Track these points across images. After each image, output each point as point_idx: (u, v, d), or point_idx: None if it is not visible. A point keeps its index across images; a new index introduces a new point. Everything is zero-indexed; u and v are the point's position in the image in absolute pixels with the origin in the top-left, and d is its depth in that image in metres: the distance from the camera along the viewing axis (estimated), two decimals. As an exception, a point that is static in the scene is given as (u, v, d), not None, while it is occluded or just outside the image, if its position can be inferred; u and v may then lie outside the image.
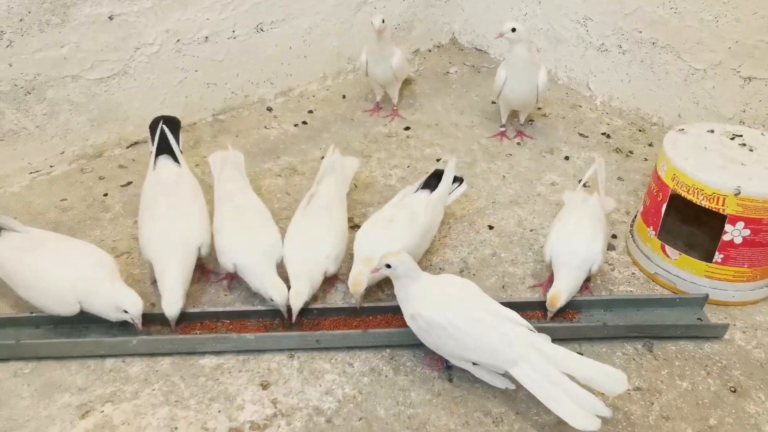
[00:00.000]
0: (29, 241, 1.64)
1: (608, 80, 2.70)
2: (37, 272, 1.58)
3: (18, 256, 1.61)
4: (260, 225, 1.76)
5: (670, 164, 1.76)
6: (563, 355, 1.43)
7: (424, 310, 1.48)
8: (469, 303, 1.50)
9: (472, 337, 1.45)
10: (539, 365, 1.41)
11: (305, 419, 1.46)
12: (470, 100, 2.76)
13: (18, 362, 1.56)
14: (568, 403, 1.38)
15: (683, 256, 1.79)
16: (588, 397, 1.38)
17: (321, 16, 2.66)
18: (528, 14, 2.87)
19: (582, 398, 1.38)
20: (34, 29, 2.00)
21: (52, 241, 1.68)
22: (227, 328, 1.65)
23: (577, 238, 1.72)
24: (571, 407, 1.37)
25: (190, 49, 2.37)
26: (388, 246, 1.63)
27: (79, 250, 1.65)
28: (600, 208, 1.84)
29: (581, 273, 1.69)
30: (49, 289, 1.56)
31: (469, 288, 1.54)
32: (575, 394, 1.38)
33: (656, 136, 2.54)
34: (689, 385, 1.58)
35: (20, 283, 1.60)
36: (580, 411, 1.37)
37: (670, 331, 1.69)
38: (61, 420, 1.43)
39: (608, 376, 1.40)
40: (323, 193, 1.85)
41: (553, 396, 1.39)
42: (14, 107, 2.05)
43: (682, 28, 2.40)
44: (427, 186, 1.89)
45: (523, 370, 1.42)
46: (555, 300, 1.65)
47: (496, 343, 1.44)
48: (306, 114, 2.62)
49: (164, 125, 1.91)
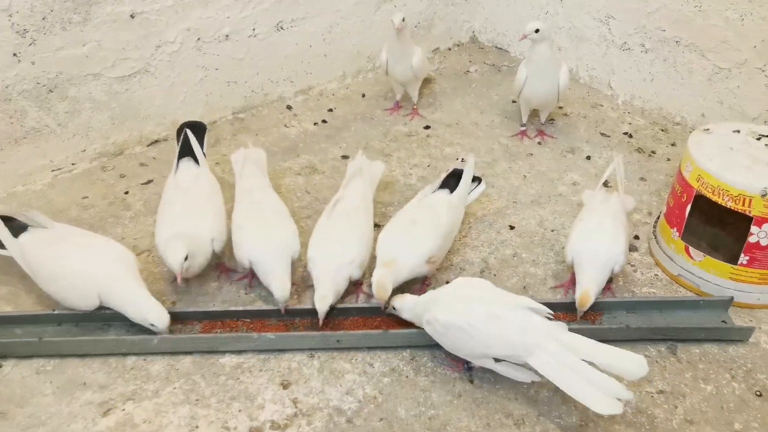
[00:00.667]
0: (53, 236, 1.66)
1: (630, 79, 2.67)
2: (58, 265, 1.59)
3: (41, 250, 1.63)
4: (276, 221, 1.76)
5: (695, 165, 1.73)
6: (581, 341, 1.43)
7: (440, 315, 1.49)
8: (484, 300, 1.50)
9: (489, 332, 1.45)
10: (558, 353, 1.41)
11: (326, 419, 1.46)
12: (490, 99, 2.74)
13: (41, 359, 1.57)
14: (589, 389, 1.37)
15: (707, 258, 1.77)
16: (608, 382, 1.37)
17: (341, 15, 2.66)
18: (549, 12, 2.84)
19: (602, 383, 1.37)
20: (57, 28, 2.01)
21: (75, 236, 1.70)
22: (248, 327, 1.65)
23: (599, 238, 1.71)
24: (593, 392, 1.37)
25: (211, 47, 2.37)
26: (411, 249, 1.65)
27: (101, 245, 1.67)
28: (621, 208, 1.82)
29: (604, 273, 1.68)
30: (69, 282, 1.57)
31: (480, 285, 1.55)
32: (595, 379, 1.38)
33: (679, 135, 2.51)
34: (714, 389, 1.56)
35: (43, 276, 1.61)
36: (601, 396, 1.36)
37: (694, 333, 1.67)
38: (83, 417, 1.44)
39: (628, 361, 1.39)
40: (349, 197, 1.83)
41: (574, 382, 1.39)
42: (37, 105, 2.07)
43: (706, 27, 2.36)
44: (445, 185, 1.88)
45: (541, 359, 1.42)
46: (585, 300, 1.63)
47: (513, 334, 1.44)
48: (326, 112, 2.61)
49: (189, 129, 1.93)
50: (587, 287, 1.64)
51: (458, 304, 1.50)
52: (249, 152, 1.99)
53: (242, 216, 1.77)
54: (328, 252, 1.68)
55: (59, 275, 1.59)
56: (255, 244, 1.69)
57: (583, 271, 1.68)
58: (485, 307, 1.48)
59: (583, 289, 1.64)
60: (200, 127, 1.99)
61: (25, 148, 2.10)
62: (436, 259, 1.72)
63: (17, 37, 1.94)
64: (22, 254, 1.64)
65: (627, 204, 1.87)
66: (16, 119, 2.04)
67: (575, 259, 1.71)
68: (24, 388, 1.50)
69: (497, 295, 1.52)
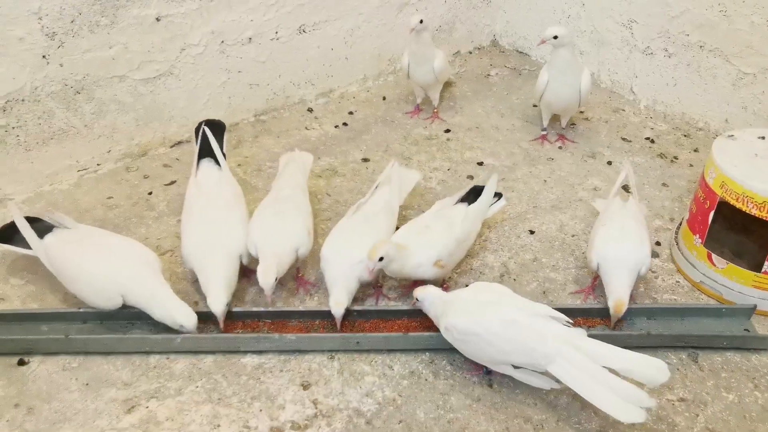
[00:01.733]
0: (77, 237, 1.69)
1: (653, 84, 2.66)
2: (81, 266, 1.62)
3: (65, 251, 1.66)
4: (288, 215, 1.77)
5: (719, 171, 1.72)
6: (600, 348, 1.42)
7: (458, 321, 1.49)
8: (501, 306, 1.50)
9: (507, 339, 1.45)
10: (577, 360, 1.40)
11: (345, 420, 1.47)
12: (511, 103, 2.74)
13: (66, 356, 1.60)
14: (611, 396, 1.37)
15: (730, 265, 1.75)
16: (630, 389, 1.37)
17: (363, 18, 2.67)
18: (571, 16, 2.83)
19: (624, 390, 1.37)
20: (85, 30, 2.05)
21: (98, 236, 1.73)
22: (269, 328, 1.66)
23: (626, 242, 1.70)
24: (614, 400, 1.37)
25: (234, 50, 2.40)
26: (420, 248, 1.66)
27: (124, 246, 1.69)
28: (640, 211, 1.83)
29: (632, 277, 1.67)
30: (92, 283, 1.60)
31: (499, 291, 1.55)
32: (617, 387, 1.37)
33: (702, 141, 2.49)
34: (736, 398, 1.55)
35: (67, 276, 1.64)
36: (623, 403, 1.36)
37: (716, 341, 1.66)
38: (108, 414, 1.47)
39: (648, 367, 1.38)
40: (372, 201, 1.84)
41: (595, 390, 1.38)
42: (64, 106, 2.10)
43: (731, 32, 2.34)
44: (465, 200, 1.87)
45: (561, 366, 1.41)
46: (620, 306, 1.62)
47: (532, 341, 1.44)
48: (346, 115, 2.63)
49: (207, 127, 1.94)
50: (620, 294, 1.63)
51: (476, 309, 1.50)
52: (294, 155, 2.01)
53: (259, 209, 1.81)
54: (341, 251, 1.69)
55: (82, 276, 1.61)
56: (261, 233, 1.72)
57: (612, 277, 1.67)
58: (503, 313, 1.47)
59: (617, 296, 1.63)
60: (219, 126, 2.01)
61: (52, 148, 2.13)
62: (445, 263, 1.71)
63: (46, 40, 1.98)
64: (47, 255, 1.67)
65: (641, 210, 1.87)
66: (44, 120, 2.07)
67: (602, 265, 1.70)
68: (50, 384, 1.53)
69: (516, 301, 1.52)
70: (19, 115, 2.02)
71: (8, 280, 1.80)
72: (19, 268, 1.84)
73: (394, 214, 1.85)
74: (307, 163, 2.03)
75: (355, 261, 1.66)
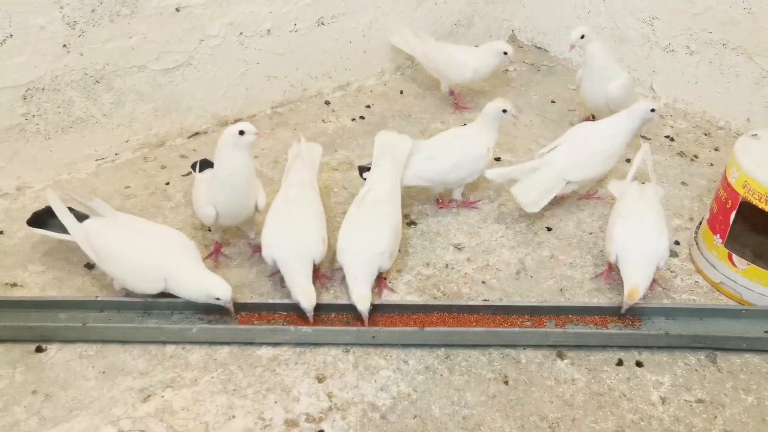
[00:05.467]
0: (118, 222, 1.71)
1: (674, 81, 2.63)
2: (126, 249, 1.63)
3: (108, 234, 1.67)
4: (303, 223, 1.74)
5: (742, 171, 1.70)
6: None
7: None
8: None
9: None
10: None
11: (360, 414, 1.47)
12: (529, 99, 2.72)
13: (84, 344, 1.60)
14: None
15: (752, 266, 1.73)
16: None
17: (381, 11, 2.66)
18: (591, 12, 2.81)
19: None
20: (105, 20, 2.05)
21: (139, 222, 1.75)
22: (285, 320, 1.66)
23: (646, 233, 1.69)
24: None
25: (253, 41, 2.40)
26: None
27: (165, 231, 1.72)
28: (658, 199, 1.82)
29: (652, 267, 1.66)
30: (136, 265, 1.61)
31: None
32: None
33: (723, 140, 2.46)
34: (755, 400, 1.53)
35: (109, 259, 1.64)
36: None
37: (735, 343, 1.64)
38: (124, 402, 1.47)
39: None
40: (377, 188, 1.84)
41: None
42: (84, 96, 2.11)
43: (755, 29, 2.31)
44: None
45: None
46: (635, 293, 1.62)
47: None
48: (363, 108, 2.62)
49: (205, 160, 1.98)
50: (637, 281, 1.63)
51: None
52: (302, 148, 1.97)
53: (272, 213, 1.77)
54: (357, 243, 1.69)
55: (126, 259, 1.62)
56: (277, 245, 1.69)
57: (630, 268, 1.66)
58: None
59: (634, 282, 1.63)
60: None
61: (71, 137, 2.14)
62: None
63: (67, 29, 1.98)
64: (87, 238, 1.67)
65: (658, 193, 1.87)
66: (63, 109, 2.08)
67: (620, 256, 1.69)
68: (67, 372, 1.54)
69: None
70: (39, 103, 2.03)
71: (27, 267, 1.82)
72: (37, 256, 1.85)
73: (398, 195, 1.86)
74: (315, 155, 1.99)
75: (376, 252, 1.66)
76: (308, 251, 1.69)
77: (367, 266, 1.66)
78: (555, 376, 1.57)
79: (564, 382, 1.55)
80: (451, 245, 1.95)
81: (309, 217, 1.76)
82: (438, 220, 2.05)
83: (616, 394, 1.53)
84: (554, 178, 1.95)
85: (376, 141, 1.98)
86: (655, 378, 1.57)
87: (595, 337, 1.64)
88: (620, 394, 1.53)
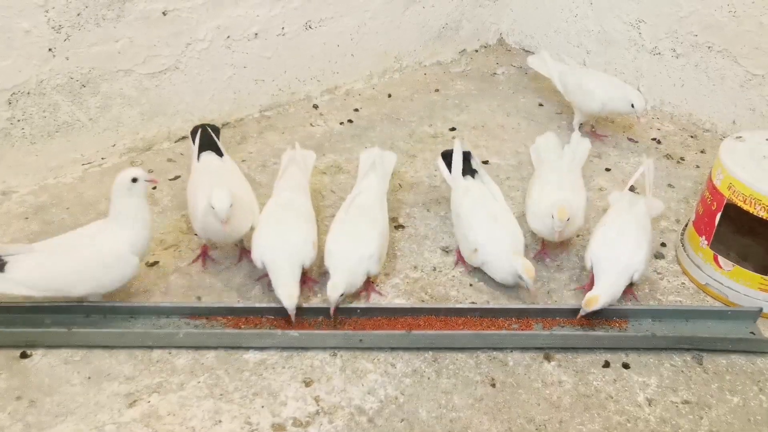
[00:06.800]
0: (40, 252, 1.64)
1: (660, 84, 2.64)
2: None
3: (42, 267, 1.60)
4: (294, 227, 1.74)
5: (727, 173, 1.71)
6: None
7: None
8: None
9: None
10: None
11: (347, 418, 1.47)
12: (517, 102, 2.73)
13: (69, 349, 1.59)
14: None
15: (737, 268, 1.74)
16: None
17: (369, 15, 2.67)
18: (578, 15, 2.82)
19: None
20: (91, 24, 2.04)
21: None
22: (271, 324, 1.66)
23: (621, 246, 1.69)
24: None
25: (240, 45, 2.39)
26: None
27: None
28: (646, 214, 1.80)
29: (622, 280, 1.67)
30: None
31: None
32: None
33: (709, 142, 2.48)
34: (740, 401, 1.54)
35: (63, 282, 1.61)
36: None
37: (721, 344, 1.65)
38: (110, 408, 1.46)
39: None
40: (365, 193, 1.85)
41: None
42: (69, 100, 2.10)
43: (740, 32, 2.33)
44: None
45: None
46: (591, 302, 1.62)
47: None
48: (352, 112, 2.62)
49: (204, 128, 1.98)
50: (598, 293, 1.63)
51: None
52: (296, 154, 1.97)
53: (264, 217, 1.78)
54: (345, 247, 1.69)
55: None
56: (267, 247, 1.69)
57: (600, 277, 1.67)
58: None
59: (595, 292, 1.63)
60: (215, 129, 2.03)
61: (57, 141, 2.13)
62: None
63: (52, 33, 1.97)
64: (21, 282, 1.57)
65: (655, 208, 1.85)
66: (49, 113, 2.07)
67: (595, 265, 1.70)
68: (52, 377, 1.53)
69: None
70: (24, 108, 2.02)
71: (12, 273, 1.80)
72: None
73: (385, 203, 1.88)
74: (309, 161, 2.01)
75: (365, 256, 1.67)
76: (298, 255, 1.69)
77: (353, 268, 1.67)
78: (542, 379, 1.57)
79: (551, 385, 1.56)
80: (439, 248, 1.95)
81: (300, 222, 1.76)
82: (426, 224, 2.05)
83: (602, 396, 1.54)
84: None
85: (361, 159, 2.00)
86: (642, 379, 1.58)
87: (582, 339, 1.64)
88: (607, 396, 1.54)
